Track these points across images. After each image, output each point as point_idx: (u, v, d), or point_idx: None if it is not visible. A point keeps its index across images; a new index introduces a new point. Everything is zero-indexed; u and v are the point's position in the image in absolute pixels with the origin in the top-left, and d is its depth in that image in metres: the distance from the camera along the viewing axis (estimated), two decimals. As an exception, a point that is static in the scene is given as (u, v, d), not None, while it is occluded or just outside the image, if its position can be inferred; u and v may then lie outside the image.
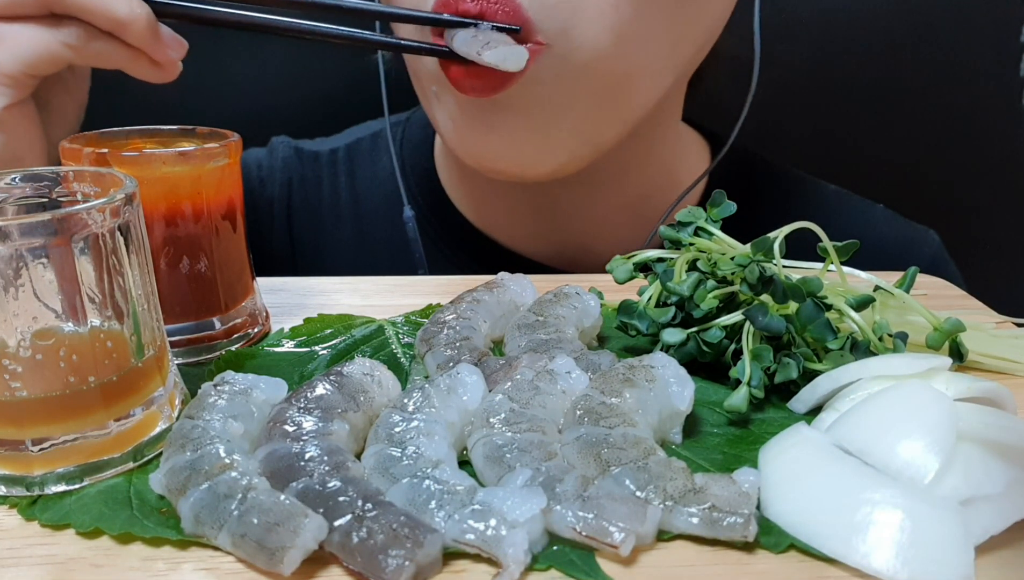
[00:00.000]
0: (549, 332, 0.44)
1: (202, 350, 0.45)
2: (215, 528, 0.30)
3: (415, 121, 0.76)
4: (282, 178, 0.75)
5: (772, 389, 0.41)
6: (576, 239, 0.70)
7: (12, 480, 0.33)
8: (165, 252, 0.43)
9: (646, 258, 0.47)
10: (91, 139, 0.45)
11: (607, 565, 0.30)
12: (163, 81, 0.51)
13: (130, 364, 0.34)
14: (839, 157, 0.91)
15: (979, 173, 0.94)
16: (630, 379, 0.37)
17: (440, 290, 0.55)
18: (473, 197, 0.71)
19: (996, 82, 0.89)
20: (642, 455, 0.33)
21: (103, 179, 0.36)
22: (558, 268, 0.70)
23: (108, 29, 0.47)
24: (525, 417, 0.35)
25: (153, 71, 0.50)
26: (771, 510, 0.32)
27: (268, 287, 0.54)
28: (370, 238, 0.75)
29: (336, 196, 0.75)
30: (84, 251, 0.32)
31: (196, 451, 0.32)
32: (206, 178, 0.43)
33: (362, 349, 0.46)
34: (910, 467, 0.32)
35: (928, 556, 0.29)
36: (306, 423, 0.34)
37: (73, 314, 0.32)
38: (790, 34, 0.87)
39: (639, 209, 0.69)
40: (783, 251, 0.43)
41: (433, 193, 0.72)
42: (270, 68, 0.86)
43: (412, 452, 0.33)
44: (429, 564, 0.29)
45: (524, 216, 0.69)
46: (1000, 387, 0.37)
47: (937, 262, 0.74)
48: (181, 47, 0.50)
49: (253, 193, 0.74)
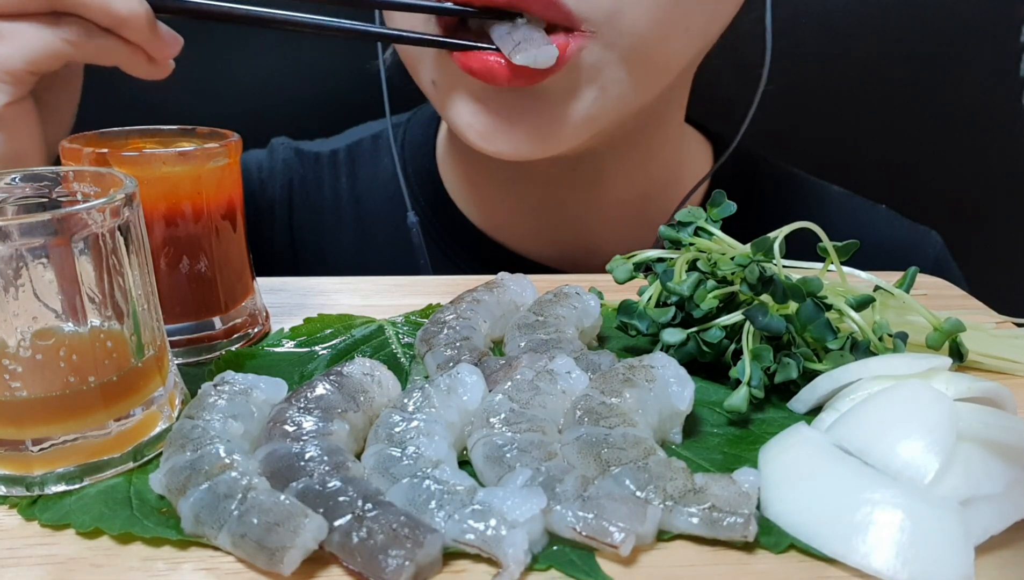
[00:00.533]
0: (549, 332, 0.44)
1: (202, 350, 0.45)
2: (215, 528, 0.30)
3: (416, 122, 0.76)
4: (283, 179, 0.75)
5: (772, 389, 0.41)
6: (580, 240, 0.70)
7: (12, 480, 0.33)
8: (165, 252, 0.43)
9: (646, 258, 0.47)
10: (91, 139, 0.44)
11: (607, 565, 0.30)
12: (157, 78, 0.51)
13: (130, 364, 0.34)
14: (839, 158, 0.91)
15: (979, 173, 0.94)
16: (630, 379, 0.37)
17: (440, 290, 0.55)
18: (476, 199, 0.71)
19: (996, 82, 0.89)
20: (642, 455, 0.33)
21: (103, 179, 0.36)
22: (561, 269, 0.70)
23: (108, 26, 0.48)
24: (525, 417, 0.35)
25: (149, 68, 0.50)
26: (771, 510, 0.32)
27: (268, 287, 0.54)
28: (372, 239, 0.75)
29: (337, 197, 0.75)
30: (84, 251, 0.32)
31: (196, 451, 0.32)
32: (206, 178, 0.43)
33: (362, 349, 0.46)
34: (910, 467, 0.32)
35: (928, 556, 0.29)
36: (306, 423, 0.34)
37: (73, 314, 0.32)
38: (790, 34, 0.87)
39: (643, 210, 0.69)
40: (783, 251, 0.43)
41: (436, 195, 0.72)
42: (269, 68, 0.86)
43: (412, 452, 0.33)
44: (429, 564, 0.29)
45: (527, 217, 0.69)
46: (1000, 387, 0.37)
47: (940, 263, 0.74)
48: (177, 43, 0.51)
49: (254, 194, 0.74)
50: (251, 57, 0.85)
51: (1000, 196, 0.96)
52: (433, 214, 0.72)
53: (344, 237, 0.75)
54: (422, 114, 0.76)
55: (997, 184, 0.95)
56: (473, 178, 0.70)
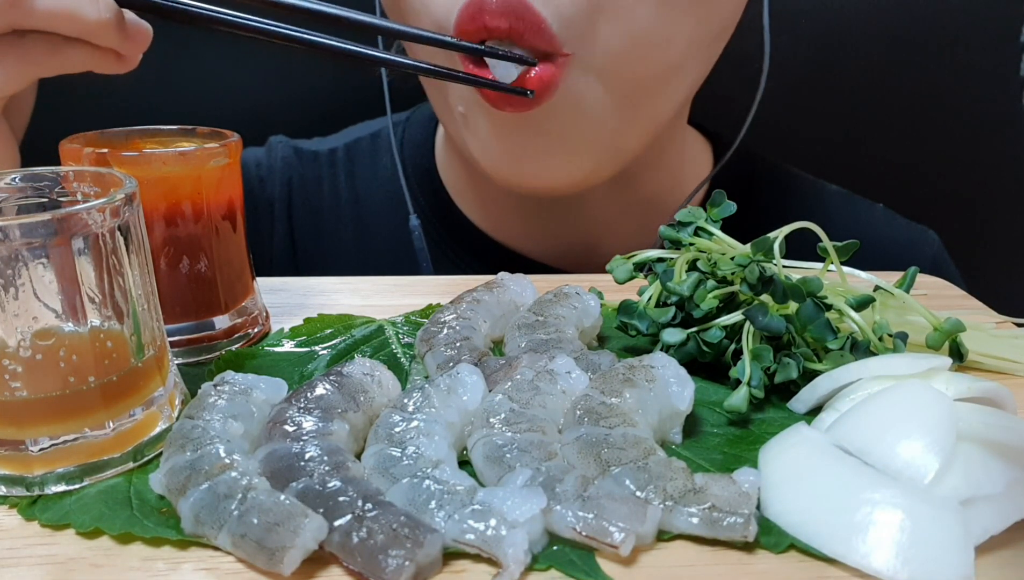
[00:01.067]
0: (549, 332, 0.44)
1: (202, 350, 0.45)
2: (215, 528, 0.30)
3: (415, 121, 0.76)
4: (282, 177, 0.75)
5: (772, 389, 0.41)
6: (581, 240, 0.70)
7: (12, 480, 0.33)
8: (165, 252, 0.43)
9: (646, 258, 0.48)
10: (91, 139, 0.44)
11: (607, 565, 0.30)
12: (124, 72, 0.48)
13: (130, 364, 0.34)
14: (839, 157, 0.91)
15: (979, 173, 0.94)
16: (630, 379, 0.37)
17: (440, 290, 0.55)
18: (477, 199, 0.71)
19: (996, 82, 0.89)
20: (642, 455, 0.33)
21: (103, 179, 0.36)
22: (562, 268, 0.70)
23: (77, 36, 0.44)
24: (525, 417, 0.35)
25: (117, 65, 0.47)
26: (771, 510, 0.32)
27: (268, 287, 0.54)
28: (372, 238, 0.75)
29: (336, 196, 0.75)
30: (84, 251, 0.32)
31: (196, 451, 0.32)
32: (206, 178, 0.43)
33: (362, 349, 0.46)
34: (910, 467, 0.32)
35: (928, 556, 0.29)
36: (306, 423, 0.34)
37: (73, 314, 0.32)
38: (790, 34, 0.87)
39: (645, 210, 0.69)
40: (783, 251, 0.43)
41: (435, 194, 0.72)
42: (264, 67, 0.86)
43: (412, 452, 0.33)
44: (429, 564, 0.29)
45: (528, 217, 0.69)
46: (1000, 387, 0.37)
47: (938, 262, 0.74)
48: (147, 37, 0.47)
49: (253, 193, 0.74)
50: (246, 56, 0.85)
51: (1000, 196, 0.96)
52: (432, 213, 0.72)
53: (344, 235, 0.75)
54: (420, 113, 0.76)
55: (997, 184, 0.95)
56: (473, 179, 0.70)
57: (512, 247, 0.71)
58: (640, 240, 0.70)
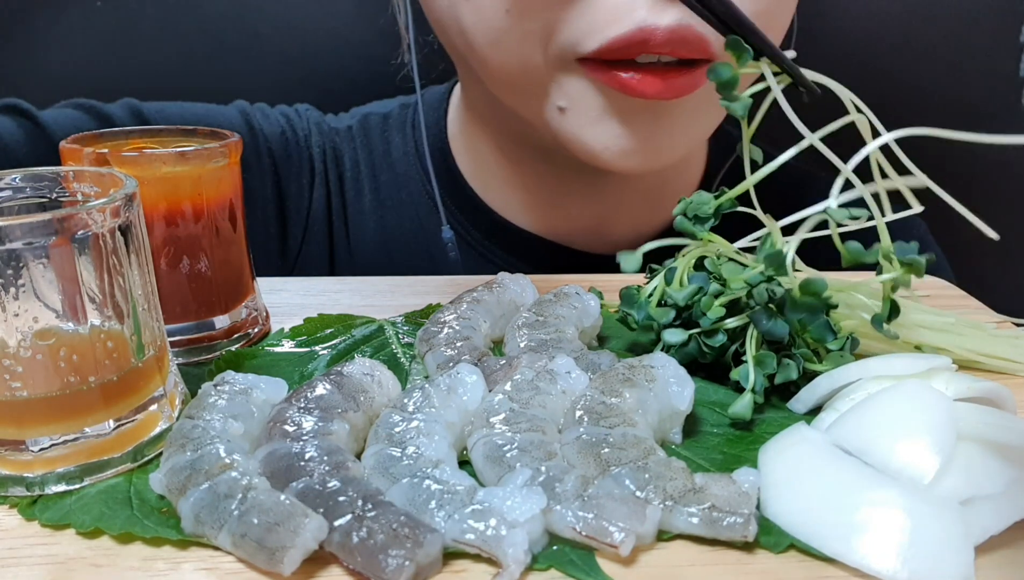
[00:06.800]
0: (549, 332, 0.44)
1: (202, 350, 0.45)
2: (215, 528, 0.30)
3: (426, 103, 0.77)
4: (318, 141, 0.76)
5: (772, 389, 0.41)
6: (594, 221, 0.71)
7: (12, 480, 0.33)
8: (165, 252, 0.43)
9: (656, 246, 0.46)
10: (91, 139, 0.44)
11: (607, 565, 0.30)
12: None
13: (130, 364, 0.34)
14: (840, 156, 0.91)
15: (979, 173, 0.94)
16: (630, 379, 0.37)
17: (440, 290, 0.55)
18: (490, 179, 0.72)
19: (996, 82, 0.89)
20: (642, 455, 0.33)
21: (103, 179, 0.36)
22: (572, 247, 0.71)
23: None
24: (525, 417, 0.35)
25: None
26: (771, 510, 0.32)
27: (268, 287, 0.54)
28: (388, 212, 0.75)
29: (356, 168, 0.76)
30: (84, 251, 0.32)
31: (196, 451, 0.32)
32: (206, 178, 0.43)
33: (362, 349, 0.46)
34: (910, 467, 0.32)
35: (928, 556, 0.29)
36: (306, 423, 0.34)
37: (73, 314, 0.32)
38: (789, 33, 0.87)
39: (656, 195, 0.71)
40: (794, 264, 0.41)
41: (448, 174, 0.73)
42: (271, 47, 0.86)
43: (412, 452, 0.33)
44: (429, 564, 0.29)
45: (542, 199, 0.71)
46: (1000, 387, 0.37)
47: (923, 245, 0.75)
48: None
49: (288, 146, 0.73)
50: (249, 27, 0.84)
51: (1000, 196, 0.96)
52: (446, 194, 0.73)
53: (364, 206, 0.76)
54: (431, 95, 0.77)
55: (996, 184, 0.95)
56: (486, 161, 0.71)
57: (523, 226, 0.72)
58: (651, 221, 0.72)
